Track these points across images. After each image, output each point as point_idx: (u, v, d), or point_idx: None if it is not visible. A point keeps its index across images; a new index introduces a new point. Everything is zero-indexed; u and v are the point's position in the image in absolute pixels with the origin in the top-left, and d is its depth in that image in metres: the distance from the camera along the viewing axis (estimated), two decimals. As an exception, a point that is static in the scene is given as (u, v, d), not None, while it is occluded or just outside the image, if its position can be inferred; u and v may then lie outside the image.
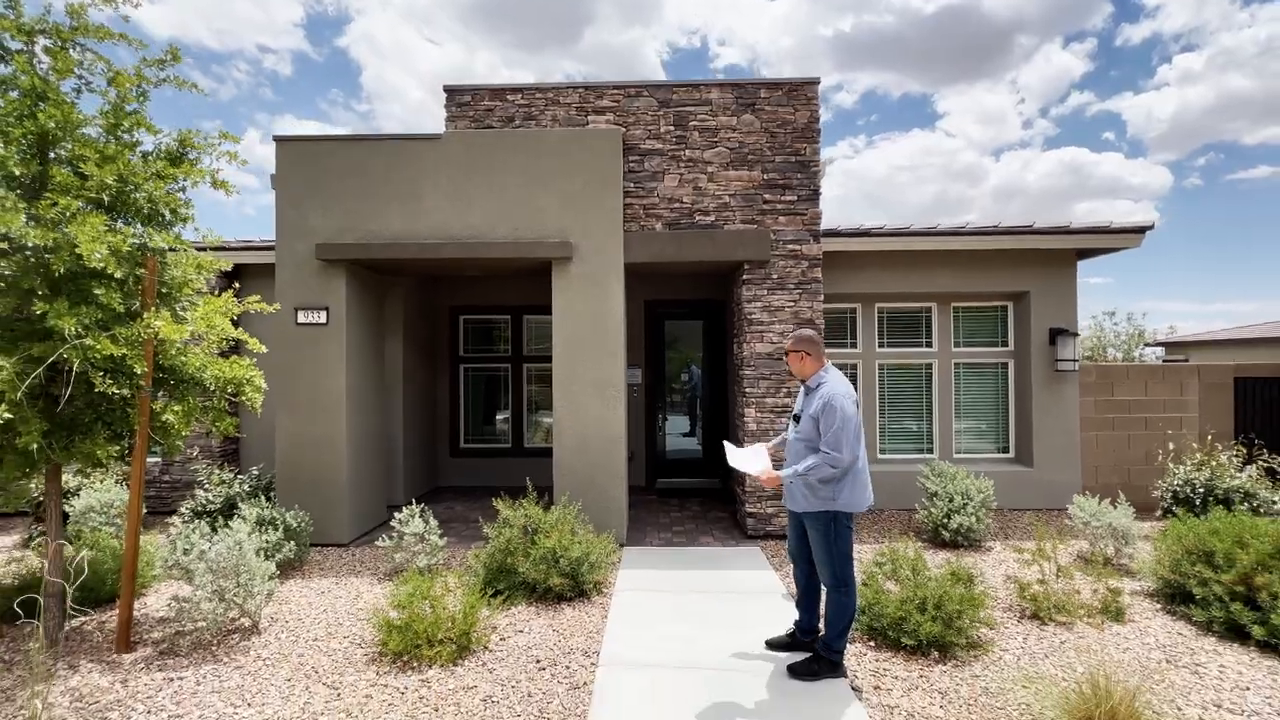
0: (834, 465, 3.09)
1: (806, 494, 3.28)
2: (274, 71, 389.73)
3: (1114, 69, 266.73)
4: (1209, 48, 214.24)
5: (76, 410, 3.58)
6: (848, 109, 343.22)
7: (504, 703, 3.08)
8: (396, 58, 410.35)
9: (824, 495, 3.21)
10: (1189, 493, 5.87)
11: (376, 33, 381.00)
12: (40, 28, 3.66)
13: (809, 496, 3.27)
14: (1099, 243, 6.79)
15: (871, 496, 3.35)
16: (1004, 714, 2.90)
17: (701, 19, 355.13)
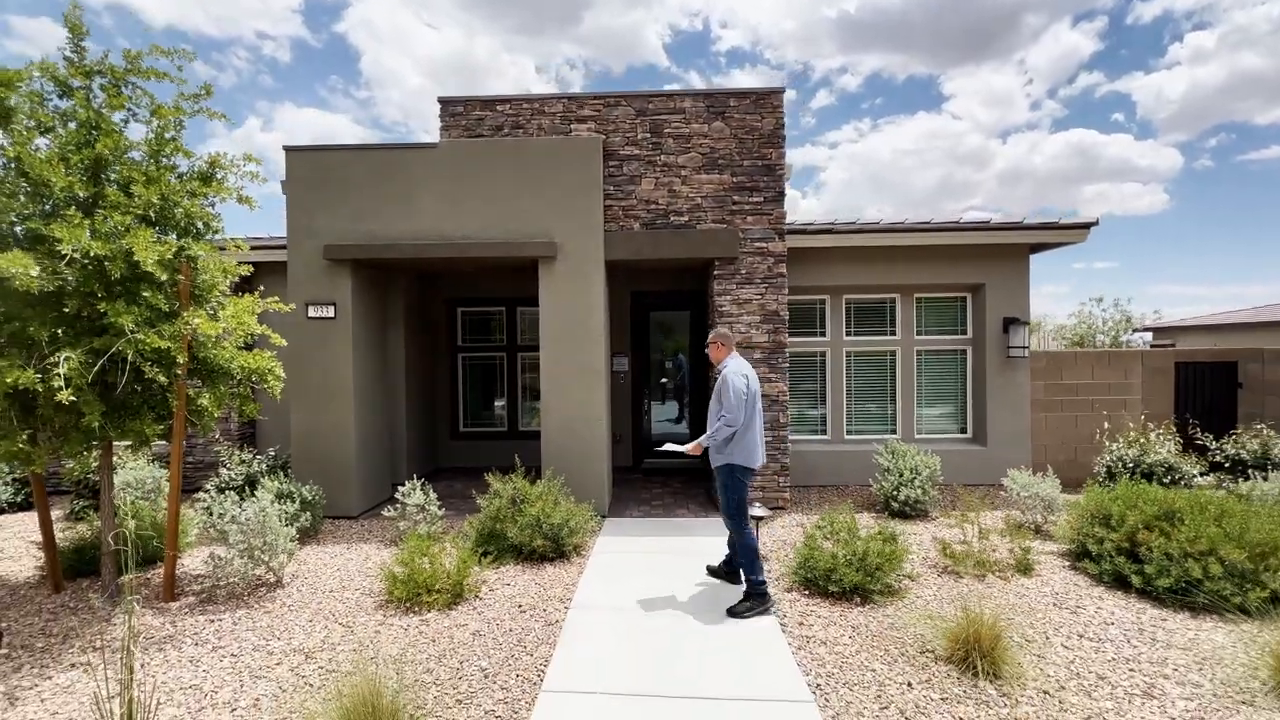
0: (730, 425, 3.97)
1: (713, 453, 4.15)
2: (273, 58, 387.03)
3: (1124, 48, 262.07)
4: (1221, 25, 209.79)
5: (128, 395, 4.19)
6: (852, 92, 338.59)
7: (489, 636, 3.72)
8: (395, 43, 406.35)
9: (725, 452, 4.08)
10: (1120, 468, 6.45)
11: (375, 18, 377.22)
12: (99, 69, 4.23)
13: (715, 454, 4.15)
14: (1048, 238, 7.30)
15: (762, 457, 4.21)
16: (900, 641, 3.52)
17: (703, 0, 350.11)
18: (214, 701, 3.08)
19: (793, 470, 7.64)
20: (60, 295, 3.74)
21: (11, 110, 3.74)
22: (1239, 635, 3.48)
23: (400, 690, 2.64)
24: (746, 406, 4.03)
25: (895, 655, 3.37)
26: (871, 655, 3.38)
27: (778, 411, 6.66)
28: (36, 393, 3.56)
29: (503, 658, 3.44)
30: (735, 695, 2.98)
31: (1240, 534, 3.97)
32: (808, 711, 2.84)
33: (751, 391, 4.10)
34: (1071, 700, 2.94)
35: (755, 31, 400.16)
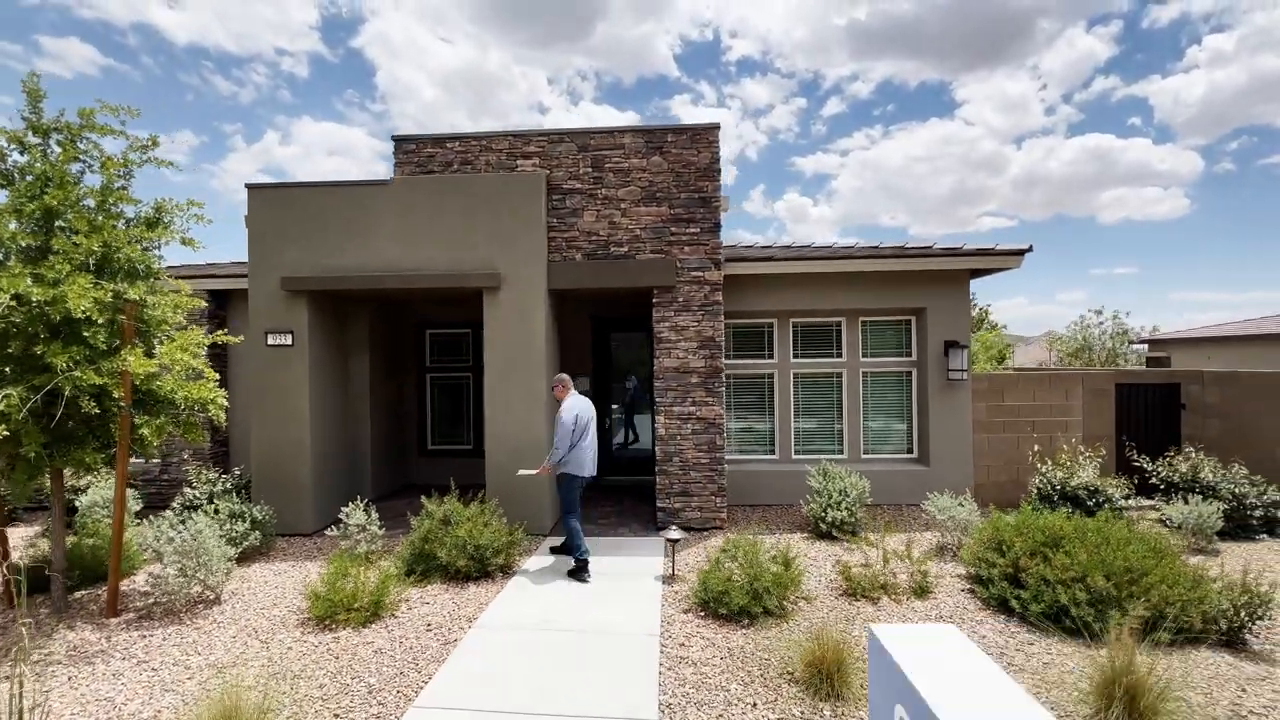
0: (559, 449, 5.42)
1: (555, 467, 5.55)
2: (291, 74, 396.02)
3: (1140, 52, 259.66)
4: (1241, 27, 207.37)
5: (73, 426, 4.56)
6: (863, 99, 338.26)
7: (389, 653, 4.00)
8: (410, 57, 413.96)
9: (560, 465, 5.51)
10: (1049, 490, 6.59)
11: (390, 33, 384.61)
12: (55, 127, 4.65)
13: (556, 468, 5.55)
14: (984, 264, 7.49)
15: (589, 468, 5.56)
16: (767, 663, 3.73)
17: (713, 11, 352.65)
18: (122, 713, 3.39)
19: (739, 490, 7.86)
20: (5, 336, 4.12)
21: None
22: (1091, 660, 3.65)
23: (266, 708, 2.91)
24: (575, 434, 5.42)
25: (756, 677, 3.60)
26: (733, 677, 3.61)
27: (714, 434, 6.90)
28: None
29: (392, 674, 3.72)
30: (587, 714, 3.23)
31: (1111, 561, 4.14)
32: (646, 729, 3.08)
33: (581, 423, 5.50)
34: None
35: (765, 40, 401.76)
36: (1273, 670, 3.65)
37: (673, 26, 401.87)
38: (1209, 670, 3.64)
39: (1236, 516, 6.23)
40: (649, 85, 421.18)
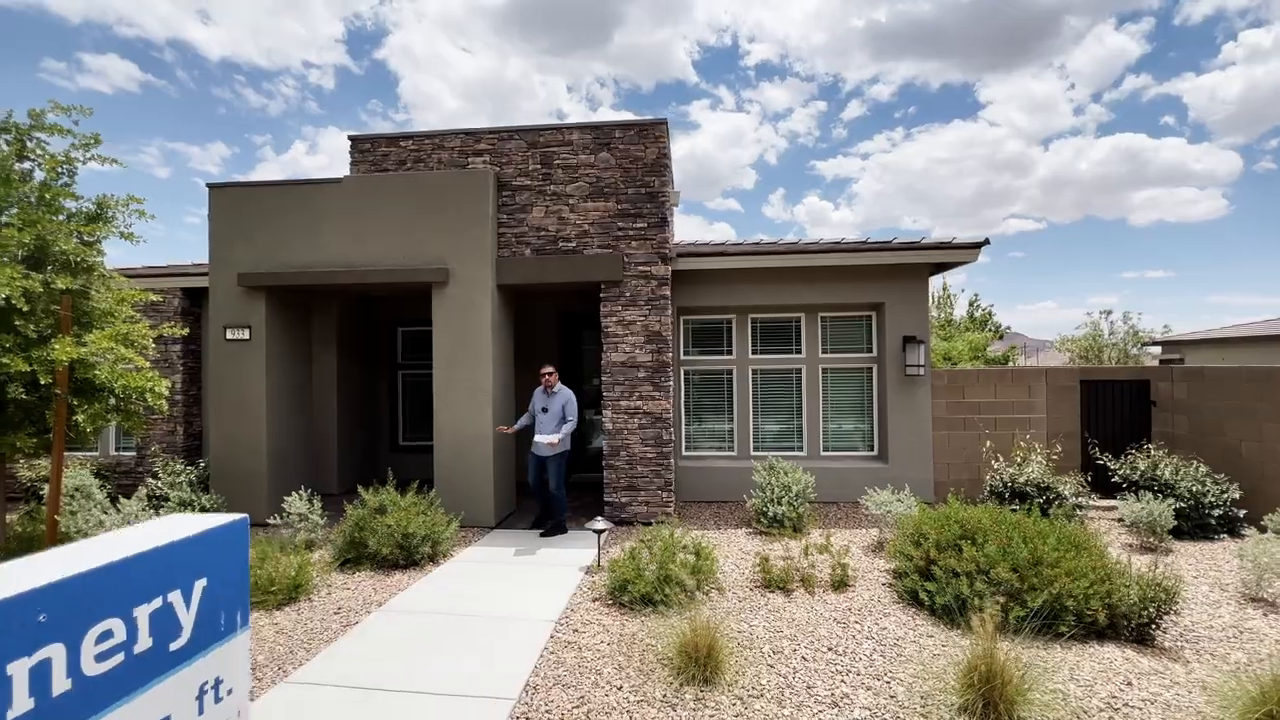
0: (571, 420, 6.27)
1: (554, 446, 6.20)
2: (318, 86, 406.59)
3: (1173, 49, 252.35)
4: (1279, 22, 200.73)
5: (11, 412, 4.76)
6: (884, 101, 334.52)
7: (289, 633, 4.09)
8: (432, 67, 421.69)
9: (563, 445, 6.27)
10: (1001, 486, 6.45)
11: (413, 44, 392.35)
12: (4, 127, 4.88)
13: (556, 447, 6.23)
14: (942, 257, 7.37)
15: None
16: (648, 648, 3.72)
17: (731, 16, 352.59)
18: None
19: (696, 486, 7.84)
20: (-64, 326, 4.33)
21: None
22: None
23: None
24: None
25: (634, 662, 3.59)
26: (611, 661, 3.61)
27: (660, 429, 6.89)
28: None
29: (283, 653, 3.80)
30: (450, 691, 3.26)
31: (1018, 554, 4.05)
32: (500, 709, 3.10)
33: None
34: (757, 706, 3.12)
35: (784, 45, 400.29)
36: (1170, 666, 3.52)
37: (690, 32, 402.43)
38: (1100, 664, 3.53)
39: (1194, 516, 6.01)
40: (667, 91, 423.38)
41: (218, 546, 2.14)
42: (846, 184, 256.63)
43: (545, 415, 6.36)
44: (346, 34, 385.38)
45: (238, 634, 2.20)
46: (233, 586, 2.19)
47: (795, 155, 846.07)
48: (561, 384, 6.49)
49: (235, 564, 2.22)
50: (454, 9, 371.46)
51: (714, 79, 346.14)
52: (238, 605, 2.21)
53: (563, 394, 6.37)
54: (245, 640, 2.23)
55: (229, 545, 2.19)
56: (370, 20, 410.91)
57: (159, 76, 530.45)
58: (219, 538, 2.15)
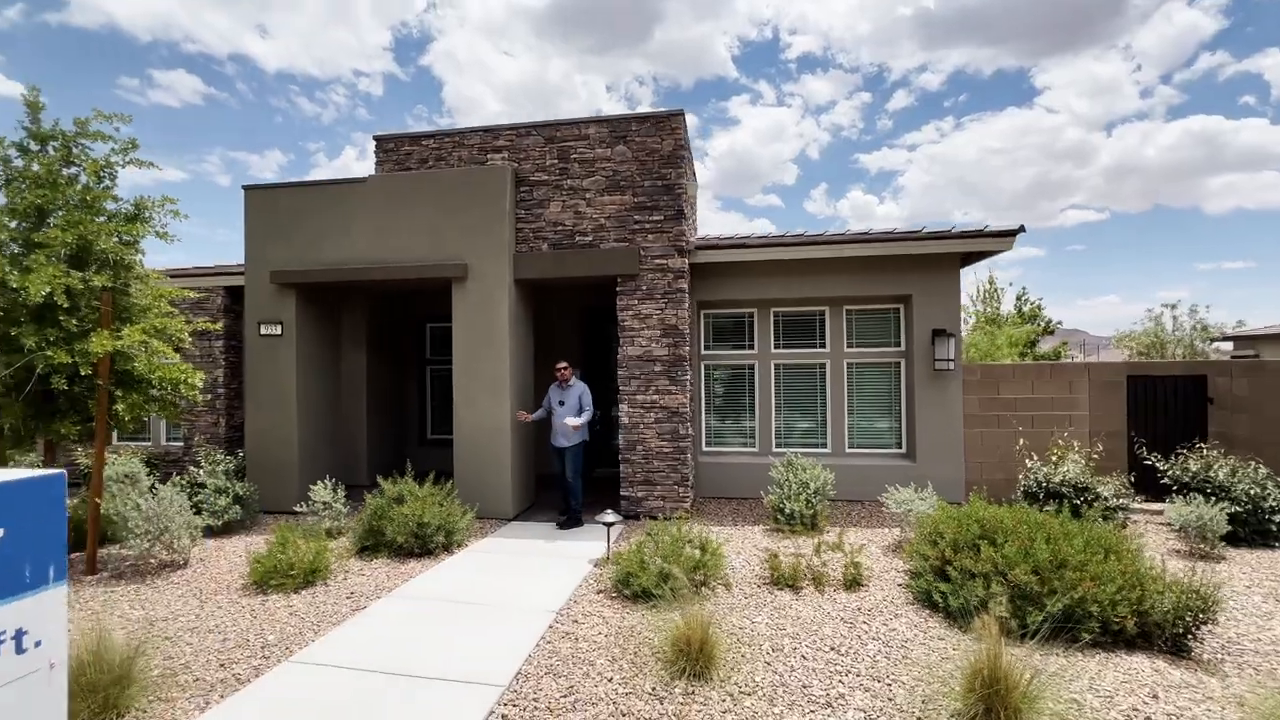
0: (588, 410, 6.52)
1: (573, 436, 6.46)
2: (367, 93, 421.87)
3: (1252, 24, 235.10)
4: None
5: (57, 402, 5.08)
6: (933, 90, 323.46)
7: (302, 615, 4.22)
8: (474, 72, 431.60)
9: (581, 434, 6.50)
10: (1036, 487, 6.12)
11: (456, 49, 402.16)
12: (52, 134, 5.22)
13: (574, 437, 6.47)
14: (973, 246, 7.03)
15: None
16: (645, 641, 3.67)
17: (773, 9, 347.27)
18: (52, 653, 3.74)
19: (716, 482, 7.74)
20: (-12, 321, 4.66)
21: (-43, 172, 4.70)
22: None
23: (136, 653, 3.15)
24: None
25: (629, 654, 3.56)
26: (606, 653, 3.59)
27: (677, 423, 6.83)
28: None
29: (292, 633, 3.92)
30: (442, 676, 3.30)
31: (1039, 556, 3.82)
32: (488, 694, 3.12)
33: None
34: (747, 703, 3.04)
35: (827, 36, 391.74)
36: (1205, 680, 3.25)
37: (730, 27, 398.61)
38: (1125, 674, 3.30)
39: (1252, 521, 5.57)
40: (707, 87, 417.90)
41: (21, 500, 2.13)
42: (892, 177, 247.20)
43: (562, 408, 6.54)
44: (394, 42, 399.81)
45: (49, 588, 2.18)
46: (42, 540, 2.17)
47: (838, 149, 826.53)
48: (575, 378, 6.65)
49: (45, 518, 2.19)
50: (496, 13, 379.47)
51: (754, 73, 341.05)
52: (49, 560, 2.19)
53: (578, 386, 6.60)
54: (60, 595, 2.23)
55: (36, 499, 2.18)
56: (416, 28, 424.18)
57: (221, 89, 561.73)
58: (23, 491, 2.14)
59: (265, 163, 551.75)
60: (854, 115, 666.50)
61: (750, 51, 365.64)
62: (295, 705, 3.07)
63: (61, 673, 2.25)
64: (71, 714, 2.86)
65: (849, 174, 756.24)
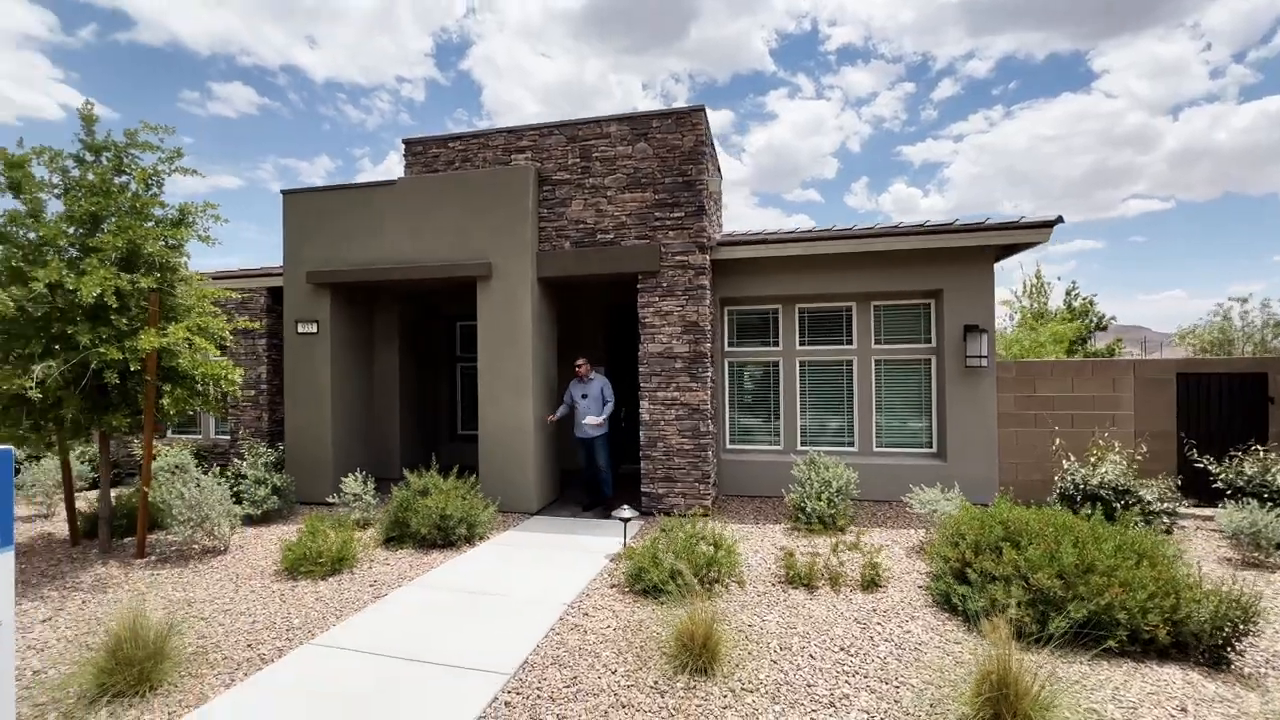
0: (611, 403, 6.93)
1: (599, 427, 6.86)
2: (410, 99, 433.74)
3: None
4: None
5: (110, 396, 5.43)
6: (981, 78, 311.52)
7: (327, 599, 4.40)
8: (513, 75, 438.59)
9: (605, 425, 6.85)
10: (1072, 489, 5.86)
11: (495, 54, 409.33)
12: (106, 146, 5.57)
13: (599, 428, 6.87)
14: (1007, 238, 6.76)
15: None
16: (652, 635, 3.69)
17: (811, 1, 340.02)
18: (94, 628, 4.00)
19: (737, 480, 7.69)
20: (49, 320, 5.01)
21: (21, 182, 5.06)
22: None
23: (170, 631, 3.35)
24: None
25: (635, 648, 3.58)
26: (613, 646, 3.61)
27: (698, 421, 6.81)
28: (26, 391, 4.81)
29: (316, 617, 4.10)
30: (451, 662, 3.39)
31: (1064, 559, 3.66)
32: (494, 681, 3.19)
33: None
34: (748, 700, 3.01)
35: (868, 26, 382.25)
36: (1243, 695, 3.06)
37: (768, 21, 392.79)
38: (1154, 685, 3.13)
39: (1314, 528, 5.18)
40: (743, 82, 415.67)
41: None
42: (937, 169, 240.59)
43: (585, 401, 6.93)
44: (434, 48, 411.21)
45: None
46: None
47: (880, 141, 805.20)
48: (596, 373, 7.05)
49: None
50: (533, 16, 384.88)
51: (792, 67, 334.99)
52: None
53: (598, 380, 6.98)
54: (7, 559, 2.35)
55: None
56: (455, 33, 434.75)
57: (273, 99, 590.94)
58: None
59: (314, 168, 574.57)
60: (896, 106, 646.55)
61: (788, 45, 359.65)
62: (310, 685, 3.21)
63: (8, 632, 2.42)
64: (109, 685, 3.09)
65: (891, 167, 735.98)
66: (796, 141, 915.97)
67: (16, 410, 5.00)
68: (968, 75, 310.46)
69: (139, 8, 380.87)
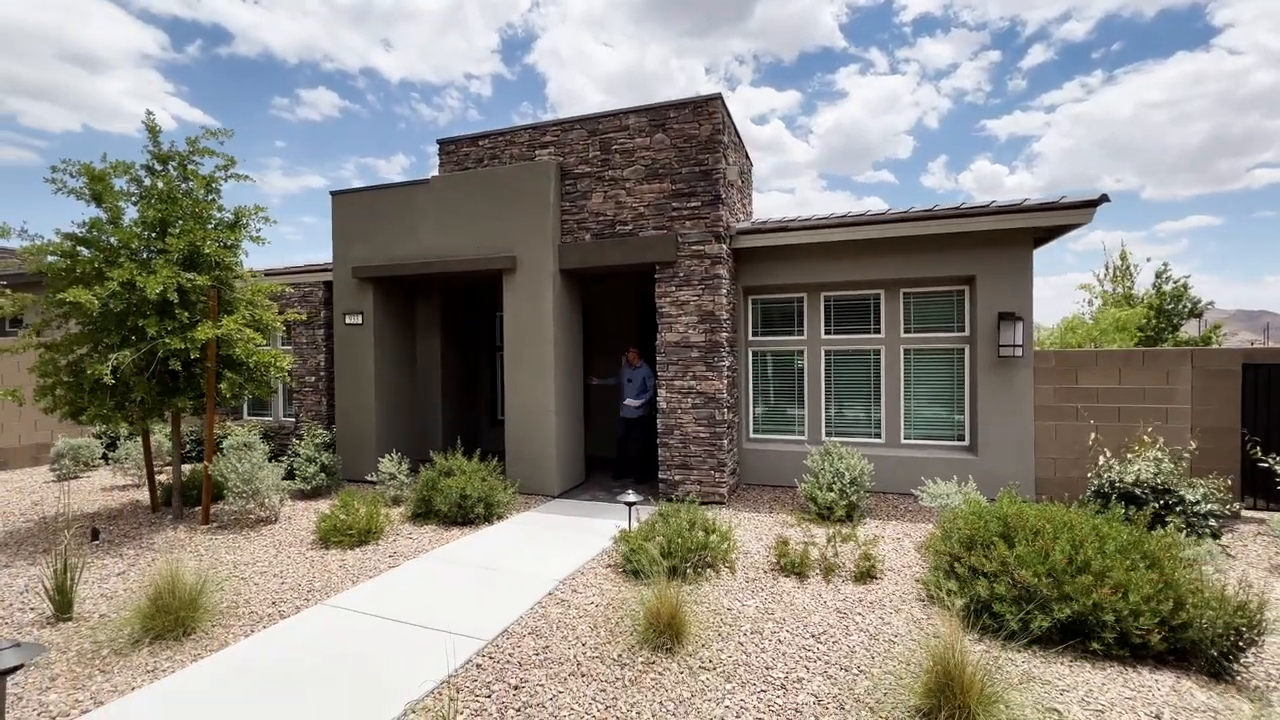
0: (651, 395, 7.61)
1: (638, 409, 7.81)
2: (478, 95, 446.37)
3: None
4: None
5: (178, 382, 6.13)
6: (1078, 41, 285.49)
7: (350, 566, 4.84)
8: (576, 65, 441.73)
9: (643, 408, 7.74)
10: (1106, 487, 5.51)
11: (558, 45, 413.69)
12: (172, 155, 6.24)
13: (638, 409, 7.81)
14: (1045, 220, 6.35)
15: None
16: (624, 611, 3.84)
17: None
18: (155, 582, 4.59)
19: (758, 469, 7.68)
20: (124, 315, 5.71)
21: (102, 193, 5.77)
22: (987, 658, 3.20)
23: (204, 586, 3.83)
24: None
25: (610, 624, 3.75)
26: (590, 621, 3.80)
27: (714, 409, 6.85)
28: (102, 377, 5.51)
29: (335, 581, 4.53)
30: (437, 626, 3.69)
31: (1056, 558, 3.52)
32: (473, 645, 3.45)
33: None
34: (703, 677, 3.12)
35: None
36: (1236, 705, 2.86)
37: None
38: (1133, 690, 2.98)
39: (1389, 537, 4.65)
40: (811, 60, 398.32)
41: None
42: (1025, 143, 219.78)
43: (629, 385, 7.87)
44: (500, 44, 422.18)
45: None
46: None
47: (960, 116, 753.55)
48: (642, 362, 7.95)
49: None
50: (595, 6, 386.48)
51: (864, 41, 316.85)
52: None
53: (643, 369, 7.86)
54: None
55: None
56: (520, 27, 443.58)
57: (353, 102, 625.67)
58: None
59: (391, 166, 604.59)
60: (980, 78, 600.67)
61: (860, 18, 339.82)
62: (313, 638, 3.59)
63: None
64: (152, 629, 3.57)
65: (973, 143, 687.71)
66: (868, 120, 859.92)
67: (102, 393, 5.75)
68: (1062, 39, 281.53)
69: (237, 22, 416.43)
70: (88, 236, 5.79)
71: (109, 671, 3.28)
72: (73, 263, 5.68)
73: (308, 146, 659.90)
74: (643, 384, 7.79)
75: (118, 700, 3.00)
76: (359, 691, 3.02)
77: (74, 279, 5.65)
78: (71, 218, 5.78)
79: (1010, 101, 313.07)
